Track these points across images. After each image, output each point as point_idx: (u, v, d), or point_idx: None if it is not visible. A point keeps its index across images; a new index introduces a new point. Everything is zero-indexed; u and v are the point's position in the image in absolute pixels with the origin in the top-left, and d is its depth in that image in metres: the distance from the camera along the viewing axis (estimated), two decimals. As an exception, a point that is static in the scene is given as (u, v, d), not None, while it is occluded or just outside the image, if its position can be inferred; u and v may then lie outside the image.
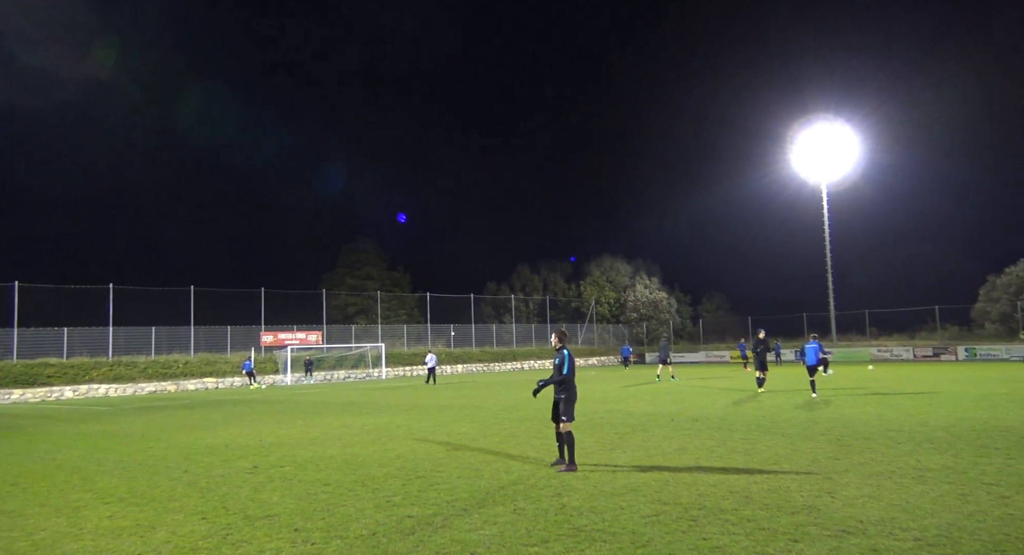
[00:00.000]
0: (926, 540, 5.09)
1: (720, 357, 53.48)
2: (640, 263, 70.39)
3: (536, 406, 17.26)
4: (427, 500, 6.89)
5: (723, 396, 18.87)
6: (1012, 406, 14.05)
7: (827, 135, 49.44)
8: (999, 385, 20.17)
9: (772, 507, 6.19)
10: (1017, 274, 51.27)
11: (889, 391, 18.97)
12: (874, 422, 12.04)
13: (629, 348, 50.63)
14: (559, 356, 8.62)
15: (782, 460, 8.57)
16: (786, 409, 14.71)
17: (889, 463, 8.16)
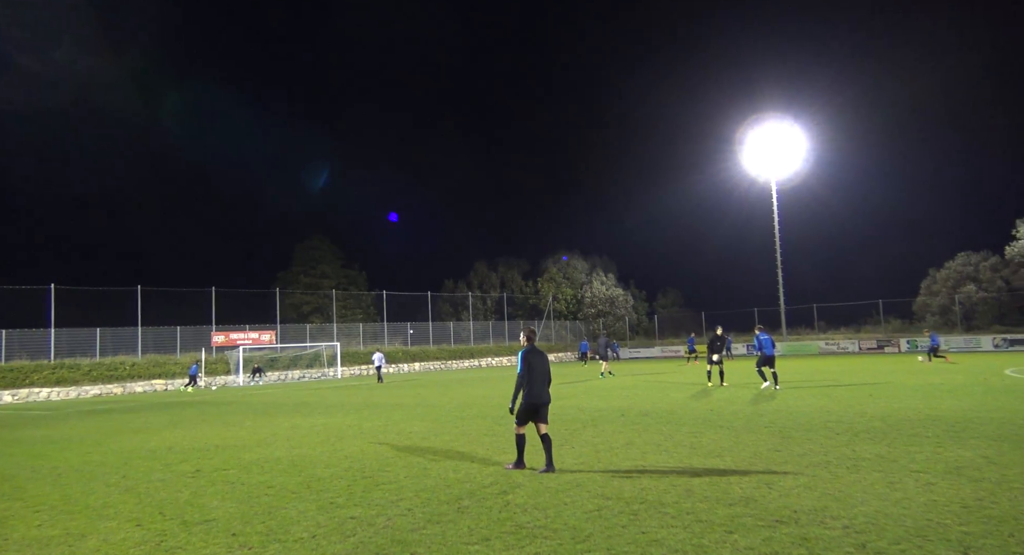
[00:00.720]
0: (854, 528, 5.25)
1: (675, 352, 54.31)
2: (597, 260, 71.06)
3: (490, 404, 17.28)
4: (371, 501, 6.84)
5: (674, 390, 19.17)
6: (945, 396, 14.60)
7: (776, 133, 50.58)
8: (935, 376, 20.94)
9: (712, 499, 6.31)
10: (955, 269, 53.29)
11: (833, 383, 19.52)
12: (816, 414, 12.37)
13: (587, 344, 51.00)
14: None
15: (725, 453, 8.75)
16: (733, 403, 15.01)
17: (826, 454, 8.40)
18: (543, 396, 8.08)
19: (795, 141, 50.64)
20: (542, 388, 8.10)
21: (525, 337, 8.47)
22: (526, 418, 8.10)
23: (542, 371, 8.16)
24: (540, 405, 8.04)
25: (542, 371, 8.16)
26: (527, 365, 8.07)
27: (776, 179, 52.46)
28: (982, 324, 49.37)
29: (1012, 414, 11.27)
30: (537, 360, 8.16)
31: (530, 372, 8.04)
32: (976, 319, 50.35)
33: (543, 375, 8.15)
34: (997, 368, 23.81)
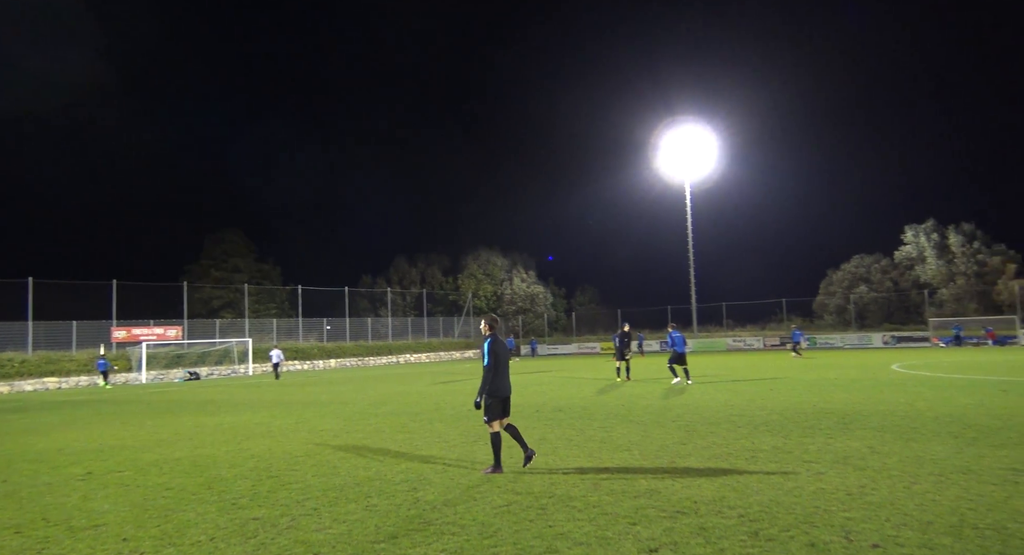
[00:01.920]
0: (749, 516, 5.49)
1: (591, 348, 55.36)
2: (517, 257, 71.54)
3: (405, 401, 17.13)
4: (276, 501, 6.64)
5: (588, 386, 19.54)
6: (838, 390, 15.50)
7: (690, 137, 52.29)
8: (830, 371, 22.21)
9: (618, 492, 6.46)
10: (850, 270, 56.60)
11: (738, 378, 20.38)
12: (720, 408, 12.88)
13: (512, 340, 51.46)
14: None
15: (633, 446, 8.98)
16: (644, 397, 15.44)
17: (728, 446, 8.75)
18: (508, 388, 7.78)
19: (708, 145, 52.51)
20: (507, 380, 7.78)
21: (487, 325, 7.91)
22: (498, 413, 7.65)
23: (507, 363, 7.82)
24: (507, 398, 7.76)
25: (507, 363, 7.82)
26: (495, 356, 7.57)
27: (689, 181, 54.24)
28: (873, 322, 52.70)
29: (895, 407, 12.07)
30: (503, 351, 7.74)
31: (498, 364, 7.60)
32: (868, 318, 53.70)
33: (507, 367, 7.82)
34: (884, 363, 25.47)
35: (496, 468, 7.58)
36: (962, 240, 51.98)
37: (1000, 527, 4.95)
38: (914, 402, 12.62)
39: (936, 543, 4.66)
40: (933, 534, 4.86)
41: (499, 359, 7.63)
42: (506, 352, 7.85)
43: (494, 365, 7.56)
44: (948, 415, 10.74)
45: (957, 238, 52.17)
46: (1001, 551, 4.46)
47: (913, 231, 54.68)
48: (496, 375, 7.59)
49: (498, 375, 7.60)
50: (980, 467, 6.95)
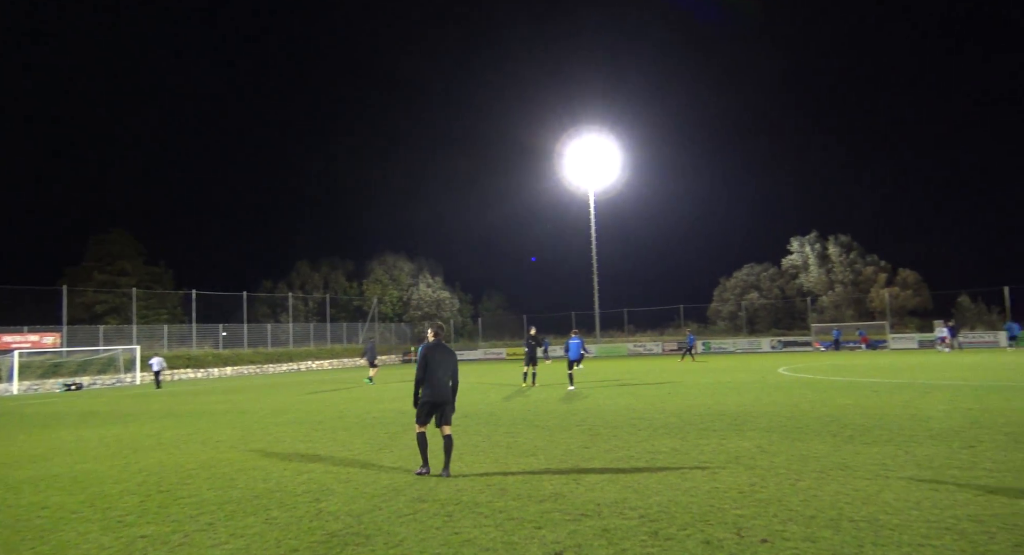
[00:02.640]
0: (648, 516, 5.69)
1: (498, 354, 55.66)
2: (424, 262, 71.02)
3: (307, 409, 16.65)
4: (167, 517, 6.31)
5: (494, 392, 19.64)
6: (731, 393, 16.30)
7: (594, 146, 53.63)
8: (723, 374, 23.31)
9: (524, 497, 6.54)
10: (741, 278, 59.65)
11: (639, 382, 21.05)
12: (622, 412, 13.26)
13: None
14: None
15: (539, 451, 9.11)
16: (549, 403, 15.68)
17: (629, 449, 9.03)
18: (444, 394, 7.85)
19: (611, 155, 54.03)
20: (444, 386, 7.85)
21: (432, 332, 8.16)
22: (426, 416, 7.83)
23: (445, 368, 7.89)
24: (441, 403, 7.82)
25: (445, 368, 7.89)
26: (425, 362, 7.81)
27: (593, 190, 55.59)
28: (762, 328, 55.72)
29: (782, 408, 12.81)
30: (440, 357, 7.87)
31: (429, 369, 7.79)
32: (758, 323, 56.74)
33: (446, 372, 7.90)
34: (772, 367, 26.98)
35: (424, 468, 7.83)
36: (840, 250, 55.82)
37: (873, 519, 5.36)
38: (798, 403, 13.43)
39: (818, 536, 4.99)
40: (815, 527, 5.20)
41: (431, 365, 7.81)
42: (445, 359, 7.94)
43: (424, 369, 7.82)
44: (828, 415, 11.50)
45: (836, 248, 55.98)
46: (874, 542, 4.82)
47: (798, 241, 58.21)
48: (426, 380, 7.80)
49: (431, 379, 7.79)
50: (856, 463, 7.49)
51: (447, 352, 8.02)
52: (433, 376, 7.82)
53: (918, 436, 9.09)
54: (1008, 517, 5.26)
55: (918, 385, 16.48)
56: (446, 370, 7.93)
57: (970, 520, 5.21)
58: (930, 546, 4.67)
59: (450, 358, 8.01)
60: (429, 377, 7.82)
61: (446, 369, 7.93)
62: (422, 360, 7.84)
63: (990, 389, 14.83)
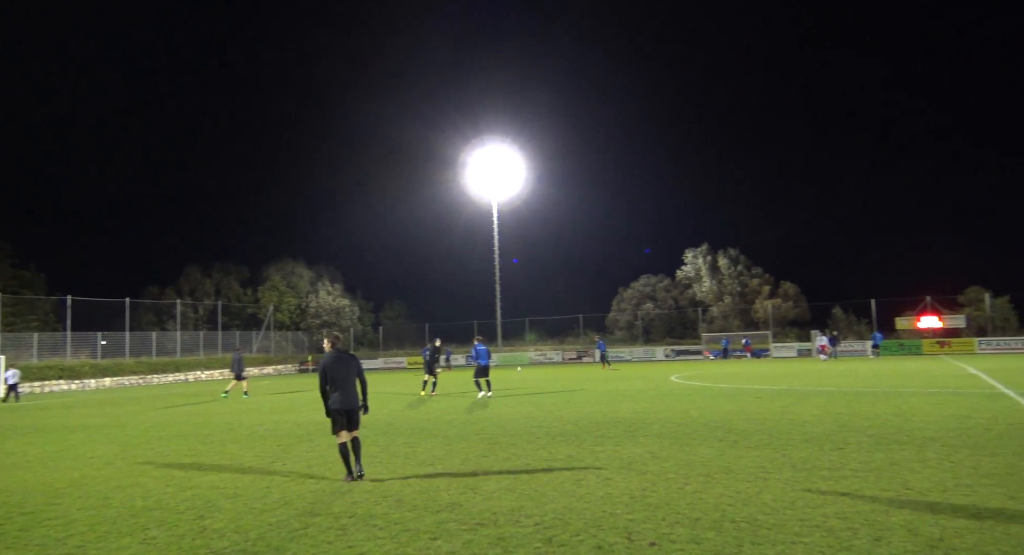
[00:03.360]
0: (543, 524, 5.78)
1: (398, 363, 54.97)
2: (323, 269, 69.25)
3: (194, 421, 15.84)
4: (30, 541, 5.83)
5: (394, 401, 19.38)
6: (626, 400, 16.81)
7: (498, 157, 54.14)
8: (620, 382, 24.01)
9: (420, 508, 6.48)
10: (638, 289, 61.73)
11: (539, 391, 21.34)
12: (521, 420, 13.40)
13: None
14: None
15: (437, 461, 9.06)
16: (449, 412, 15.63)
17: (527, 457, 9.13)
18: (354, 401, 8.11)
19: (515, 165, 54.70)
20: (351, 393, 8.10)
21: (329, 343, 8.37)
22: (339, 425, 8.01)
23: (348, 377, 8.11)
24: (349, 410, 8.05)
25: (348, 377, 8.11)
26: (326, 374, 8.04)
27: (497, 199, 56.06)
28: (657, 337, 57.85)
29: (673, 414, 13.33)
30: (340, 366, 8.10)
31: (333, 379, 8.03)
32: (653, 332, 58.86)
33: (352, 379, 8.14)
34: (666, 375, 28.04)
35: (349, 476, 7.93)
36: (729, 263, 58.85)
37: (752, 519, 5.66)
38: (688, 410, 14.02)
39: (702, 537, 5.23)
40: (700, 529, 5.44)
41: (333, 376, 8.04)
42: (347, 367, 8.17)
43: (326, 381, 8.03)
44: (715, 421, 12.07)
45: (726, 261, 58.96)
46: (752, 541, 5.10)
47: (692, 254, 60.91)
48: (333, 389, 8.02)
49: (335, 389, 8.02)
50: (739, 466, 7.90)
51: (347, 359, 8.27)
52: (339, 385, 8.05)
53: (794, 440, 9.69)
54: (869, 514, 5.69)
55: (796, 391, 17.57)
56: (351, 377, 8.17)
57: (837, 517, 5.61)
58: (801, 543, 4.98)
59: (352, 364, 8.26)
60: (336, 387, 8.04)
61: (350, 376, 8.17)
62: (323, 373, 8.09)
63: (858, 395, 16.01)
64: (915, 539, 4.96)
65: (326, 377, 8.07)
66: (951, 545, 4.80)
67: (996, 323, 47.16)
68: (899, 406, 13.29)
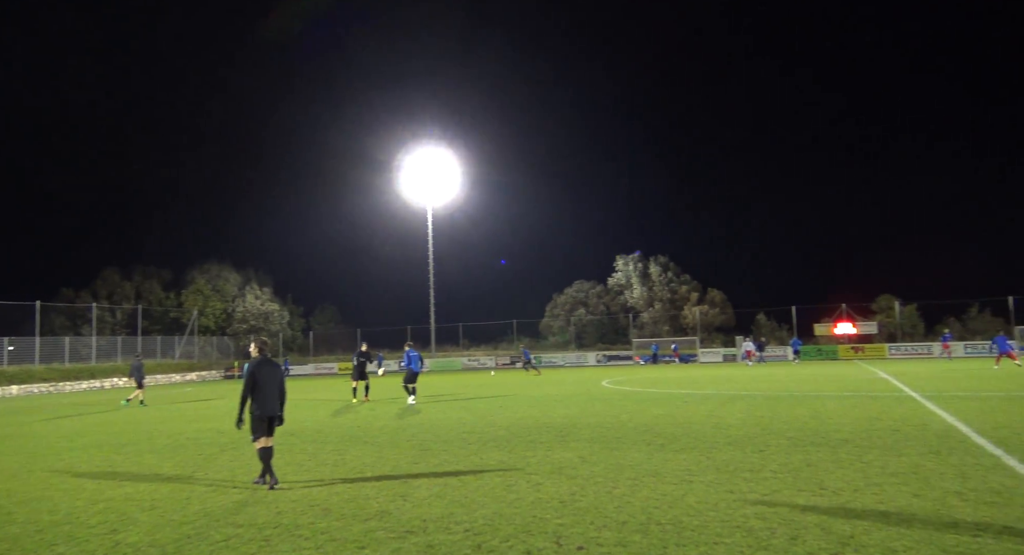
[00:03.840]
0: (473, 530, 5.77)
1: (329, 369, 53.91)
2: (252, 273, 67.27)
3: (109, 430, 15.12)
4: (-77, 562, 5.43)
5: (324, 408, 18.99)
6: (558, 405, 16.97)
7: (434, 161, 53.92)
8: (552, 388, 24.22)
9: (348, 516, 6.37)
10: (571, 294, 62.47)
11: (472, 396, 21.30)
12: (454, 426, 13.34)
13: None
14: None
15: (367, 469, 8.93)
16: (380, 418, 15.43)
17: (458, 463, 9.10)
18: (275, 408, 8.14)
19: (451, 170, 54.59)
20: (274, 400, 8.12)
21: (256, 348, 8.39)
22: (260, 431, 7.98)
23: (273, 383, 8.15)
24: (271, 417, 8.09)
25: (273, 383, 8.15)
26: (254, 379, 8.00)
27: (431, 204, 55.79)
28: (589, 342, 58.65)
29: (604, 419, 13.54)
30: (267, 372, 8.13)
31: (258, 385, 8.01)
32: (585, 338, 59.65)
33: (274, 387, 8.16)
34: (597, 380, 28.46)
35: (273, 479, 7.89)
36: (660, 270, 60.24)
37: (677, 521, 5.80)
38: (618, 415, 14.26)
39: (628, 540, 5.32)
40: (627, 532, 5.54)
41: (259, 381, 8.03)
42: (272, 374, 8.20)
43: (250, 386, 8.00)
44: (643, 425, 12.32)
45: (656, 268, 60.33)
46: (677, 543, 5.23)
47: (623, 260, 62.05)
48: (256, 395, 8.00)
49: (260, 395, 8.01)
50: (665, 470, 8.08)
51: (273, 366, 8.33)
52: (263, 391, 8.06)
53: (719, 443, 9.99)
54: (786, 513, 5.92)
55: (721, 396, 18.12)
56: (274, 384, 8.19)
57: (756, 518, 5.81)
58: (723, 544, 5.14)
59: (277, 372, 8.32)
60: (260, 393, 8.03)
61: (274, 383, 8.19)
62: (250, 377, 8.04)
63: (778, 399, 16.64)
64: (828, 537, 5.19)
65: (254, 382, 8.01)
66: (860, 542, 5.04)
67: (905, 329, 49.89)
68: (816, 409, 13.88)
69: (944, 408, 13.18)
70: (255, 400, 8.02)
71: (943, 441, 9.38)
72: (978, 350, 40.83)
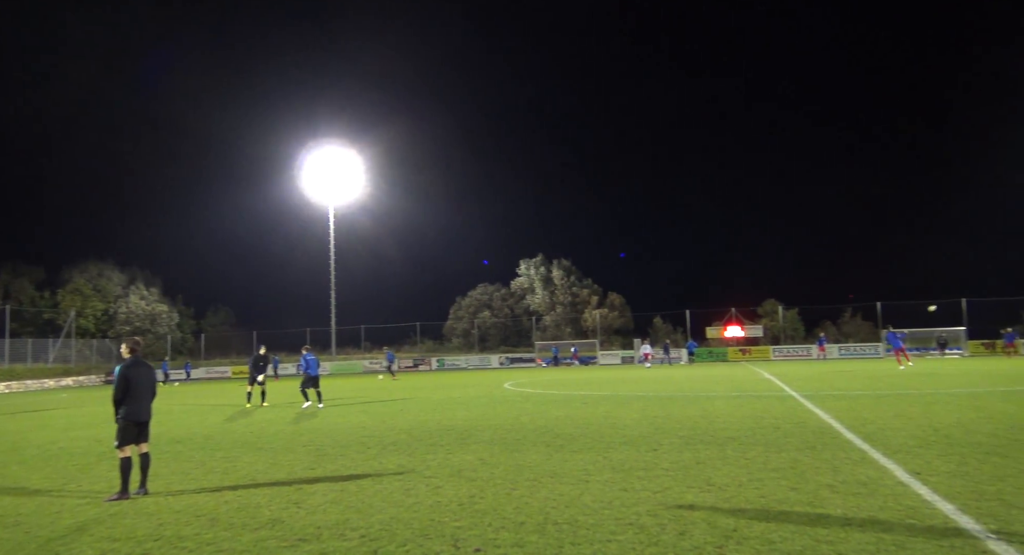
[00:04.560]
0: (369, 536, 5.67)
1: (222, 373, 51.64)
2: (137, 272, 63.46)
3: (-31, 441, 13.82)
4: None
5: (215, 413, 18.16)
6: (459, 408, 16.95)
7: (336, 160, 52.73)
8: (454, 390, 24.18)
9: (237, 526, 6.11)
10: (475, 297, 62.63)
11: (372, 400, 20.94)
12: (352, 430, 13.07)
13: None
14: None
15: (259, 475, 8.60)
16: (275, 423, 14.90)
17: (356, 468, 8.92)
18: (146, 413, 7.82)
19: (354, 169, 53.53)
20: (145, 405, 7.81)
21: (128, 349, 7.97)
22: (128, 438, 7.62)
23: (146, 387, 7.84)
24: (144, 423, 7.80)
25: (146, 387, 7.84)
26: (125, 381, 7.63)
27: (333, 204, 54.51)
28: (493, 345, 58.97)
29: (505, 421, 13.64)
30: (141, 375, 7.80)
31: (131, 388, 7.66)
32: (489, 340, 59.92)
33: (147, 391, 7.86)
34: (499, 382, 28.64)
35: (123, 494, 7.46)
36: (562, 274, 61.39)
37: (573, 521, 5.92)
38: (519, 416, 14.40)
39: (525, 541, 5.38)
40: (524, 533, 5.60)
41: (133, 384, 7.68)
42: (146, 377, 7.89)
43: (123, 390, 7.62)
44: (544, 427, 12.50)
45: (559, 272, 61.44)
46: (572, 541, 5.33)
47: (526, 264, 62.82)
48: (129, 399, 7.64)
49: (132, 399, 7.66)
50: (563, 470, 8.23)
51: (147, 369, 8.04)
52: (136, 395, 7.74)
53: (615, 442, 10.27)
54: (676, 510, 6.16)
55: (619, 397, 18.66)
56: (148, 388, 7.91)
57: (648, 515, 6.01)
58: (616, 541, 5.29)
59: (151, 374, 8.04)
60: (132, 396, 7.70)
61: (147, 387, 7.91)
62: (123, 380, 7.68)
63: (672, 399, 17.31)
64: (713, 531, 5.44)
65: (127, 385, 7.66)
66: (743, 535, 5.32)
67: (787, 332, 53.10)
68: (706, 409, 14.53)
69: (819, 406, 14.11)
70: (126, 404, 7.64)
71: (818, 437, 10.03)
72: (851, 352, 44.04)
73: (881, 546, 4.90)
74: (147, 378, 7.89)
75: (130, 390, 7.65)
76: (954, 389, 17.34)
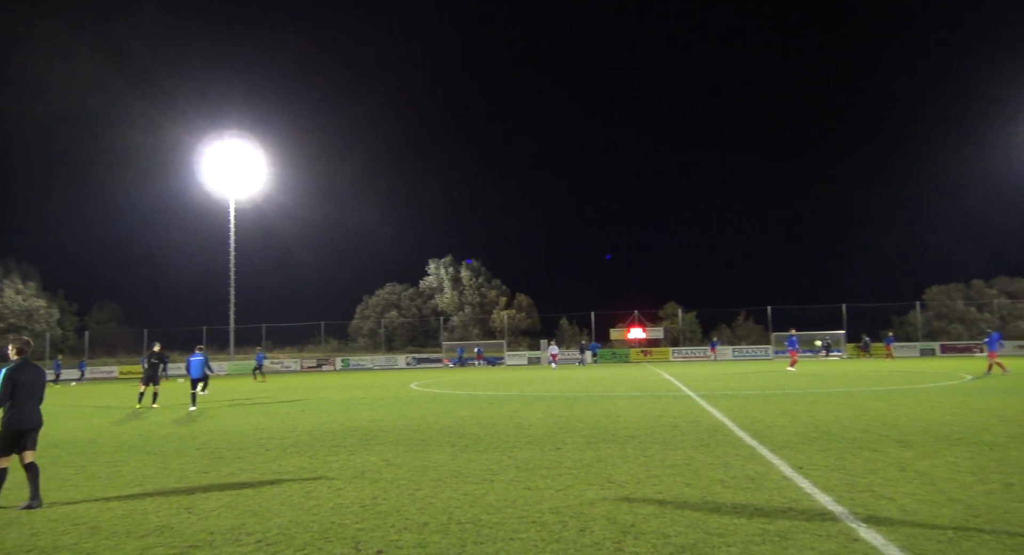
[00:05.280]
0: (267, 540, 5.49)
1: (108, 373, 48.61)
2: (13, 265, 58.74)
3: None
4: None
5: (101, 416, 17.07)
6: (364, 408, 16.67)
7: (237, 153, 50.67)
8: (359, 391, 23.75)
9: (121, 534, 5.77)
10: (383, 296, 61.79)
11: (271, 400, 20.26)
12: (250, 432, 12.60)
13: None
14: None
15: (147, 481, 8.15)
16: (165, 425, 14.17)
17: (253, 470, 8.61)
18: (34, 420, 7.19)
19: (256, 163, 51.61)
20: (33, 410, 7.18)
21: (16, 350, 7.32)
22: (12, 446, 6.99)
23: (34, 391, 7.23)
24: (29, 430, 7.13)
25: (34, 391, 7.23)
26: (13, 385, 7.02)
27: (235, 196, 52.37)
28: (400, 345, 58.35)
29: (410, 422, 13.52)
30: (29, 377, 7.19)
31: (18, 392, 7.03)
32: (396, 340, 59.25)
33: (34, 396, 7.22)
34: (406, 383, 28.36)
35: (33, 502, 6.94)
36: (471, 274, 61.47)
37: (476, 520, 5.95)
38: (425, 417, 14.31)
39: (428, 541, 5.36)
40: (427, 533, 5.57)
41: (20, 387, 7.09)
42: (35, 380, 7.30)
43: (8, 393, 7.02)
44: (449, 427, 12.47)
45: (467, 272, 61.48)
46: (475, 540, 5.35)
47: (435, 264, 62.52)
48: (16, 404, 7.04)
49: (18, 404, 7.06)
50: (468, 470, 8.25)
51: (36, 371, 7.41)
52: (22, 400, 7.10)
53: (520, 442, 10.38)
54: (578, 507, 6.30)
55: (524, 397, 18.87)
56: (36, 392, 7.30)
57: (551, 512, 6.12)
58: (519, 539, 5.35)
59: (40, 377, 7.44)
60: (18, 402, 7.07)
61: (35, 391, 7.28)
62: (8, 383, 7.06)
63: (576, 399, 17.68)
64: (613, 527, 5.60)
65: (12, 389, 7.03)
66: (640, 530, 5.50)
67: (686, 334, 55.30)
68: (609, 409, 14.92)
69: (714, 406, 14.77)
70: (11, 410, 7.01)
71: (712, 435, 10.51)
72: (744, 354, 46.36)
73: (766, 537, 5.20)
74: (35, 381, 7.28)
75: (15, 394, 7.04)
76: (834, 389, 18.59)
